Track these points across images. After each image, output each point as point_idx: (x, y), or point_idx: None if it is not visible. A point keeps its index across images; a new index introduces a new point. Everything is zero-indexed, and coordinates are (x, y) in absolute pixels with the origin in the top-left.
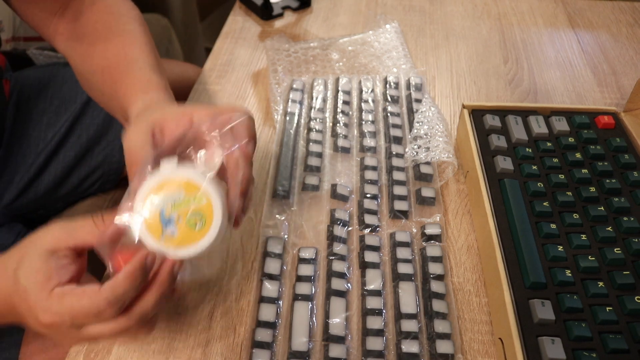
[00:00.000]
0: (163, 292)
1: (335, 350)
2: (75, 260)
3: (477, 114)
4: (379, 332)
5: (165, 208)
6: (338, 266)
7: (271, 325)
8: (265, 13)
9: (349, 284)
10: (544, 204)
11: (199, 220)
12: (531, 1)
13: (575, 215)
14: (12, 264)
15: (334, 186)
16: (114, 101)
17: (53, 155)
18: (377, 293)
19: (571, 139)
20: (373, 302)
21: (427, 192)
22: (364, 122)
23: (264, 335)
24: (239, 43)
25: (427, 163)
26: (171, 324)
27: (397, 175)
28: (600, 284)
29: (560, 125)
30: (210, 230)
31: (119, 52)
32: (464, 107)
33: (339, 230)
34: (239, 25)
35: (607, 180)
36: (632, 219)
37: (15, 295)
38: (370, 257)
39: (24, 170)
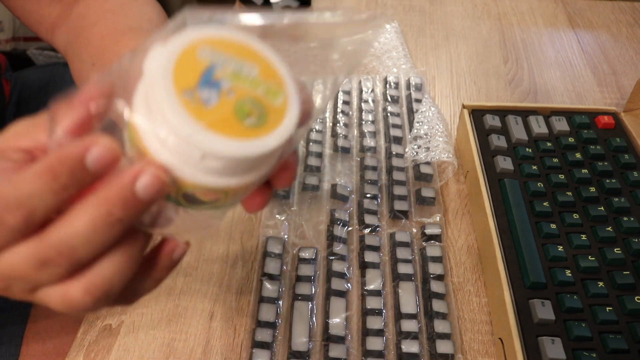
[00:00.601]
0: (109, 214)
1: (335, 350)
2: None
3: (477, 114)
4: (379, 332)
5: (220, 67)
6: (338, 266)
7: (271, 325)
8: None
9: (349, 284)
10: (544, 204)
11: (256, 115)
12: (531, 1)
13: (575, 215)
14: None
15: (334, 186)
16: (106, 67)
17: None
18: (377, 293)
19: (571, 139)
20: (373, 302)
21: (427, 192)
22: (363, 122)
23: (264, 335)
24: None
25: (427, 163)
26: (171, 324)
27: (397, 175)
28: (600, 284)
29: (560, 125)
30: (267, 139)
31: (123, 20)
32: (464, 107)
33: (339, 230)
34: None
35: (607, 180)
36: (632, 219)
37: None
38: (370, 257)
39: None
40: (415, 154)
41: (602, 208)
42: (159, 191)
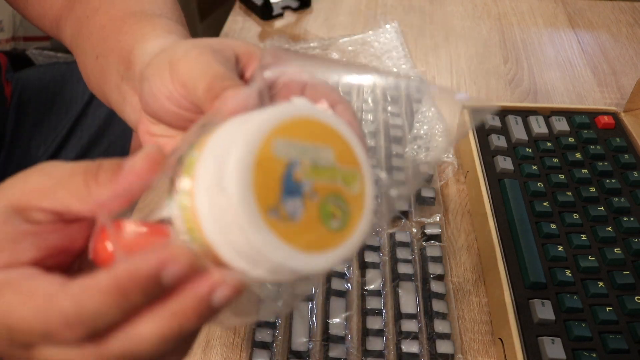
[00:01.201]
0: (181, 327)
1: (335, 350)
2: (59, 229)
3: (477, 114)
4: (379, 332)
5: (298, 164)
6: (338, 266)
7: (271, 325)
8: (265, 13)
9: (348, 284)
10: (544, 204)
11: (340, 214)
12: (531, 1)
13: (575, 215)
14: None
15: None
16: (110, 57)
17: (54, 156)
18: (377, 293)
19: (571, 139)
20: (373, 302)
21: (427, 192)
22: (364, 122)
23: (263, 335)
24: None
25: (427, 163)
26: None
27: (397, 175)
28: (600, 284)
29: (560, 125)
30: (351, 237)
31: (123, 6)
32: (464, 107)
33: None
34: (239, 25)
35: (607, 180)
36: (632, 219)
37: None
38: (370, 257)
39: None
40: (415, 153)
41: (602, 208)
42: (236, 298)
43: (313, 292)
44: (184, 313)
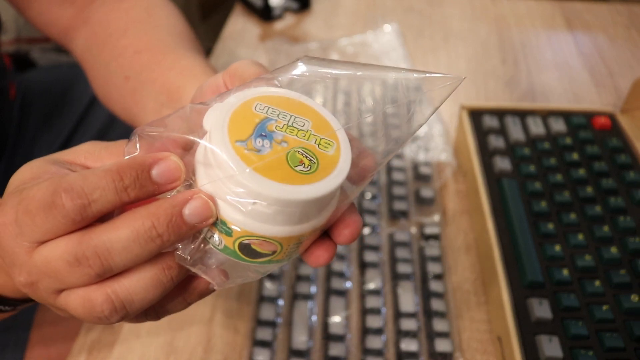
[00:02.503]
0: (154, 229)
1: (335, 348)
2: None
3: (475, 115)
4: (378, 331)
5: (272, 121)
6: (338, 266)
7: (271, 324)
8: (265, 15)
9: (348, 283)
10: (542, 203)
11: (307, 163)
12: (529, 3)
13: (573, 215)
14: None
15: None
16: (148, 85)
17: None
18: (376, 292)
19: (568, 140)
20: (372, 301)
21: (426, 192)
22: (363, 122)
23: (264, 334)
24: (239, 44)
25: (426, 163)
26: (172, 323)
27: (397, 176)
28: (597, 283)
29: (558, 125)
30: (318, 185)
31: (156, 34)
32: (462, 107)
33: None
34: (239, 26)
35: (604, 180)
36: (629, 218)
37: None
38: (369, 256)
39: None
40: (414, 154)
41: (599, 208)
42: (205, 219)
43: (313, 291)
44: (158, 215)
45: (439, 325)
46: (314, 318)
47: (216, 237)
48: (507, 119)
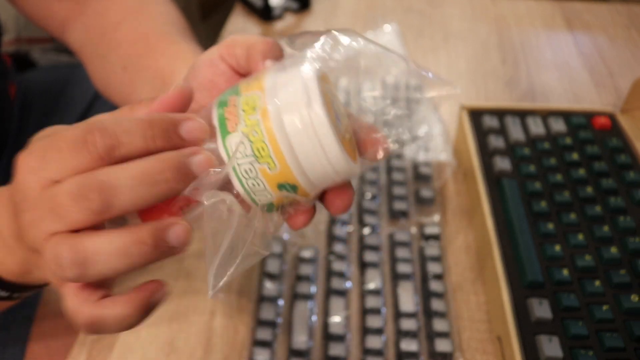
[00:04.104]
0: (162, 172)
1: (335, 348)
2: None
3: (475, 115)
4: (378, 331)
5: (335, 102)
6: (338, 266)
7: (271, 324)
8: (265, 15)
9: (348, 283)
10: (542, 203)
11: (348, 142)
12: (529, 3)
13: (573, 215)
14: None
15: None
16: (143, 72)
17: None
18: (376, 292)
19: (568, 140)
20: (372, 301)
21: (426, 193)
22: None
23: (264, 334)
24: None
25: (426, 163)
26: (172, 323)
27: (397, 176)
28: (597, 283)
29: (558, 125)
30: (357, 162)
31: (150, 24)
32: (462, 107)
33: (338, 230)
34: (239, 26)
35: (604, 180)
36: (629, 218)
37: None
38: (369, 256)
39: None
40: (414, 154)
41: (599, 208)
42: (205, 172)
43: (313, 291)
44: (167, 160)
45: (439, 325)
46: (314, 318)
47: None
48: (507, 119)
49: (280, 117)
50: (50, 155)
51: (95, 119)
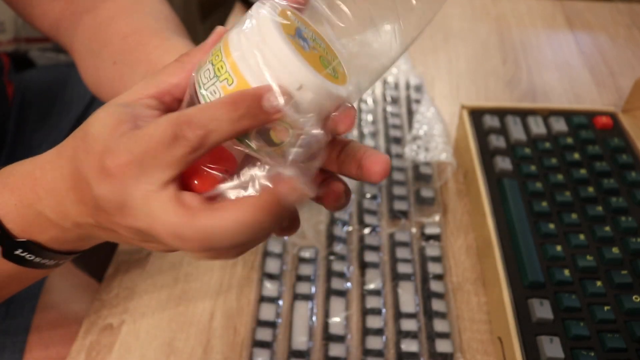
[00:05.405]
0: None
1: (335, 349)
2: (165, 111)
3: (476, 115)
4: (379, 332)
5: (303, 27)
6: (338, 266)
7: (271, 325)
8: None
9: (348, 284)
10: (543, 203)
11: (331, 70)
12: (529, 2)
13: (574, 215)
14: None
15: None
16: (134, 66)
17: None
18: (376, 292)
19: (569, 140)
20: (373, 302)
21: (426, 193)
22: (363, 123)
23: (264, 334)
24: None
25: (427, 163)
26: (172, 323)
27: (397, 176)
28: (598, 283)
29: (559, 125)
30: (343, 87)
31: (143, 20)
32: (462, 107)
33: (338, 230)
34: None
35: (605, 180)
36: (630, 218)
37: (78, 160)
38: (370, 256)
39: None
40: (414, 154)
41: (600, 208)
42: (278, 112)
43: (313, 291)
44: (247, 103)
45: (439, 325)
46: (314, 318)
47: None
48: (507, 119)
49: (236, 37)
50: (147, 162)
51: (178, 112)
